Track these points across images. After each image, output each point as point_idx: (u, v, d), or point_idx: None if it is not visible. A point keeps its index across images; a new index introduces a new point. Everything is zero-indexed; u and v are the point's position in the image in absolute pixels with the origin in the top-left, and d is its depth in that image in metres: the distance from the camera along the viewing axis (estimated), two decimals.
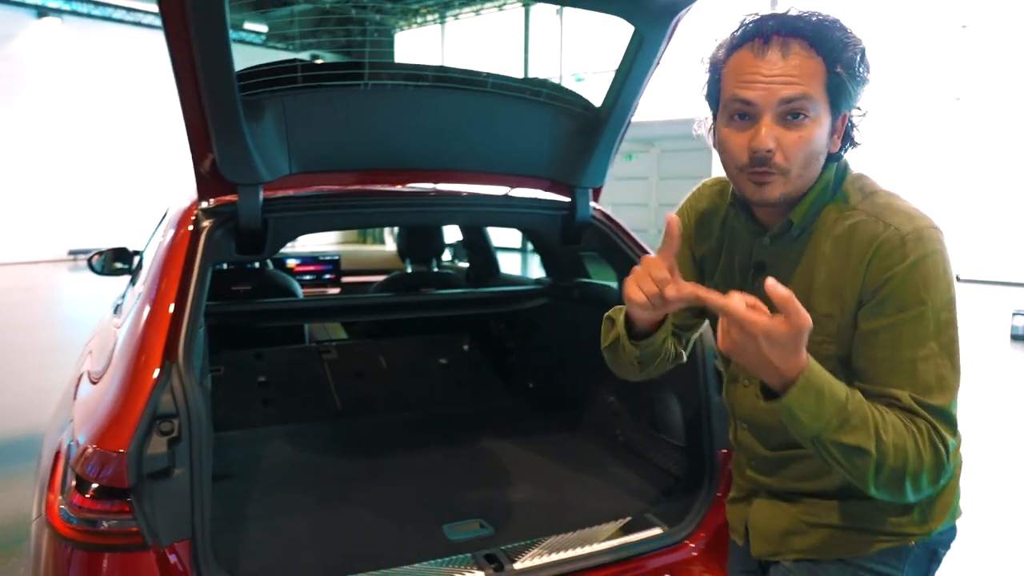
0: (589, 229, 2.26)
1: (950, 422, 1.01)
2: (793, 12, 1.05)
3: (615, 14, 1.84)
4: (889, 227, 1.04)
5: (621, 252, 2.20)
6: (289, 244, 2.24)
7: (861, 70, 1.05)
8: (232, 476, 2.32)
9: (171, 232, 1.89)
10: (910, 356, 1.01)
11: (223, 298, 2.85)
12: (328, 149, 1.96)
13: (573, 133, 2.13)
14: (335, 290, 4.27)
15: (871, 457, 0.95)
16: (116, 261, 3.02)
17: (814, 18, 1.04)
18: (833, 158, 1.11)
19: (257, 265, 3.37)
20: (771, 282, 0.89)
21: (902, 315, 1.02)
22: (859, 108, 1.10)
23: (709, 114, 1.19)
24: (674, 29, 1.91)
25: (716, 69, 1.12)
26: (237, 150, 1.75)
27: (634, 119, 2.09)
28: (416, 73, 1.95)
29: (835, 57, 1.02)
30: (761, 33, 1.04)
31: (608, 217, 2.28)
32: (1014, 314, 7.20)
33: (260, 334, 3.16)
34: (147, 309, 1.64)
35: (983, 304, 8.90)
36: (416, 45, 18.92)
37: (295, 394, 2.99)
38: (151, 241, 2.65)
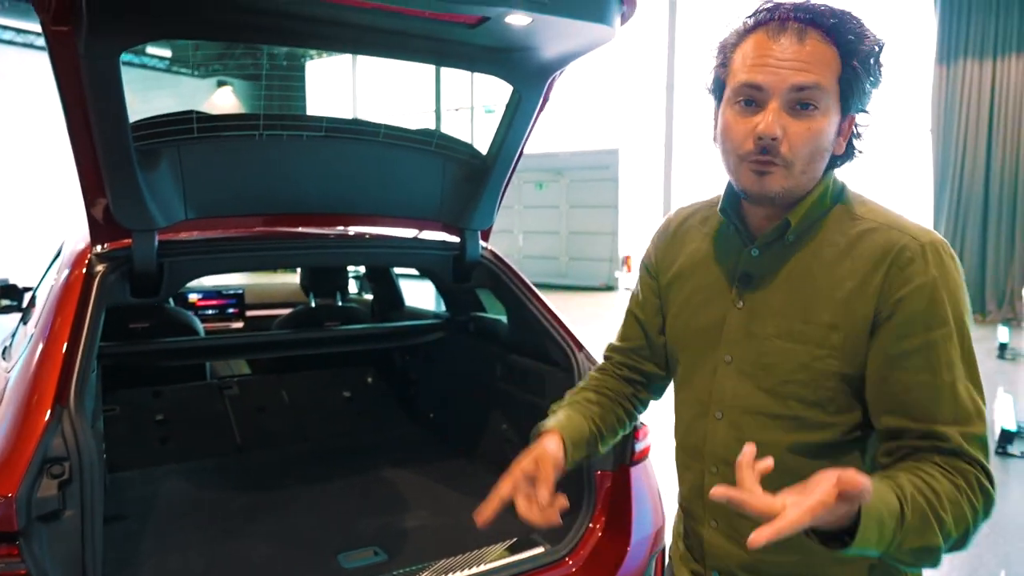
0: (479, 268, 2.42)
1: (986, 445, 0.96)
2: (812, 0, 1.00)
3: (494, 75, 2.02)
4: (905, 235, 0.97)
5: (508, 289, 2.37)
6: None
7: (876, 69, 1.00)
8: (127, 516, 2.32)
9: (64, 274, 1.92)
10: (949, 380, 0.94)
11: (120, 336, 2.83)
12: (225, 195, 2.04)
13: (462, 179, 2.29)
14: (239, 324, 4.25)
15: (940, 546, 0.89)
16: (3, 298, 2.96)
17: (832, 9, 0.99)
18: (833, 163, 1.04)
19: None
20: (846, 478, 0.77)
21: (932, 334, 0.94)
22: (867, 113, 1.03)
23: (712, 105, 1.10)
24: (550, 87, 2.10)
25: (724, 53, 1.05)
26: (131, 197, 1.81)
27: (545, 150, 2.27)
28: (311, 124, 2.07)
29: (851, 50, 0.97)
30: (777, 17, 0.99)
31: (496, 256, 2.44)
32: None
33: (159, 372, 3.14)
34: (38, 353, 1.67)
35: None
36: (328, 74, 18.84)
37: (194, 431, 2.98)
38: (44, 280, 2.62)
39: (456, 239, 2.39)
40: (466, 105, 16.39)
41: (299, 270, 3.86)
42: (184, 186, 1.93)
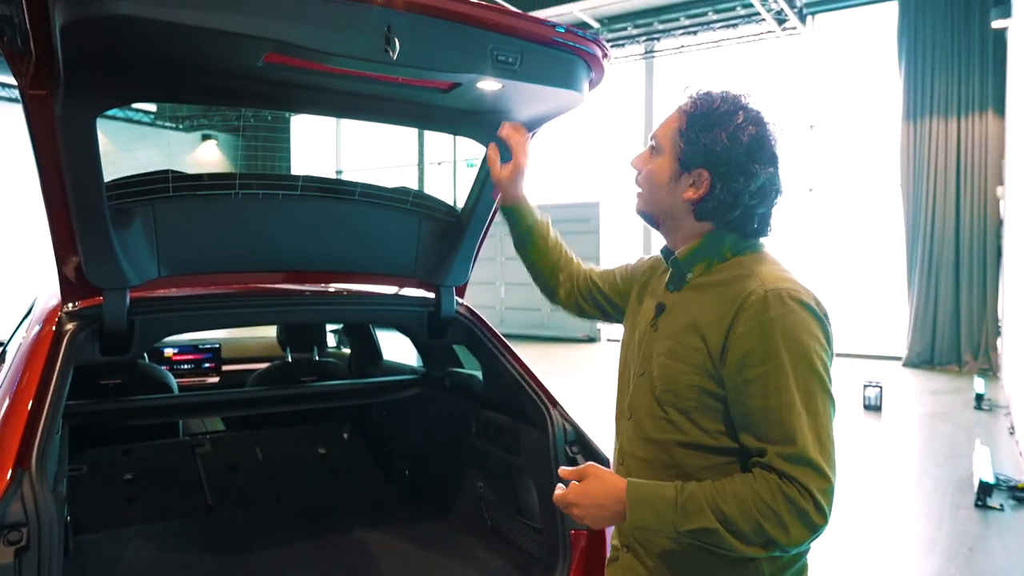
0: (454, 324, 2.43)
1: (810, 466, 1.12)
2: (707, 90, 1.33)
3: (468, 136, 2.06)
4: (758, 283, 1.21)
5: (483, 345, 2.37)
6: None
7: (699, 132, 1.27)
8: None
9: (34, 331, 1.90)
10: (775, 403, 1.14)
11: (90, 392, 2.78)
12: (199, 253, 2.04)
13: (437, 236, 2.31)
14: (215, 379, 4.19)
15: (720, 530, 1.12)
16: None
17: (700, 93, 1.32)
18: (704, 215, 1.29)
19: None
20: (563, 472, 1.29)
21: (766, 366, 1.15)
22: (735, 181, 1.25)
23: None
24: None
25: None
26: (104, 256, 1.81)
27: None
28: (287, 183, 2.09)
29: (686, 116, 1.30)
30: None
31: (472, 312, 2.46)
32: (865, 386, 7.87)
33: (130, 429, 3.08)
34: (2, 413, 1.65)
35: (838, 376, 9.61)
36: (313, 128, 19.07)
37: (164, 490, 2.92)
38: (14, 336, 2.59)
39: (431, 295, 2.40)
40: (448, 159, 16.63)
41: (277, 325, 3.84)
42: (158, 244, 1.94)
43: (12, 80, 1.53)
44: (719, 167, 1.26)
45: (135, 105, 16.30)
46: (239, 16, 1.32)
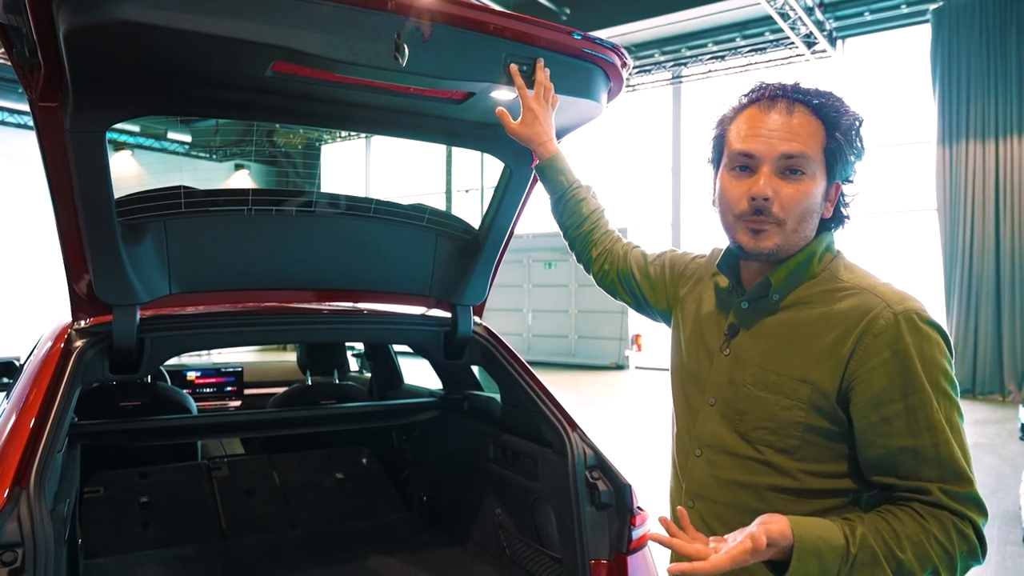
0: (472, 344, 2.36)
1: (978, 504, 1.02)
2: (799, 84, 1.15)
3: (483, 151, 2.02)
4: (880, 302, 1.05)
5: (501, 366, 2.30)
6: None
7: (857, 141, 1.11)
8: None
9: (43, 350, 1.88)
10: (931, 443, 1.01)
11: (109, 414, 2.76)
12: (211, 270, 2.01)
13: (454, 254, 2.26)
14: (236, 403, 4.17)
15: None
16: (3, 376, 2.91)
17: (816, 89, 1.13)
18: (824, 227, 1.15)
19: (149, 378, 3.29)
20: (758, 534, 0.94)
21: (909, 400, 1.01)
22: (851, 182, 1.15)
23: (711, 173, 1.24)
24: None
25: (722, 126, 1.19)
26: (114, 272, 1.78)
27: (554, 230, 2.16)
28: (300, 199, 2.06)
29: (835, 124, 1.09)
30: (768, 95, 1.12)
31: (490, 332, 2.39)
32: None
33: (150, 452, 3.05)
34: (6, 431, 1.61)
35: None
36: (343, 158, 19.36)
37: (178, 515, 2.87)
38: (32, 354, 2.59)
39: (448, 315, 2.34)
40: (476, 186, 16.72)
41: (296, 347, 3.81)
42: (169, 261, 1.91)
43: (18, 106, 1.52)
44: (851, 176, 1.14)
45: (171, 135, 16.71)
46: (244, 22, 1.29)
